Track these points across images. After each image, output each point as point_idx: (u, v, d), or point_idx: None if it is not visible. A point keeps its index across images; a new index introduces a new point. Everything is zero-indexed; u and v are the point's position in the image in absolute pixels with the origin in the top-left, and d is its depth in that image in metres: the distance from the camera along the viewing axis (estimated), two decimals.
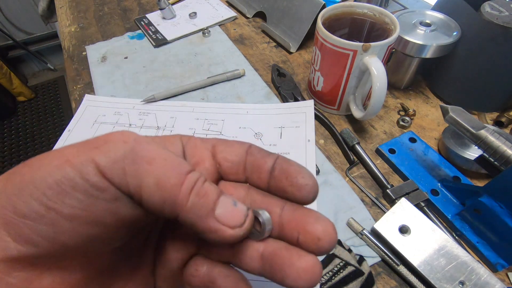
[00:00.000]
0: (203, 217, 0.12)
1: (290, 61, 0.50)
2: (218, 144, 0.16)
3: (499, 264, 0.28)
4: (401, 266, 0.28)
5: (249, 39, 0.55)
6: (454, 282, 0.26)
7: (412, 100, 0.44)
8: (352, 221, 0.31)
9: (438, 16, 0.40)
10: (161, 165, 0.12)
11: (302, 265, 0.13)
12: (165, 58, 0.52)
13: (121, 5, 0.65)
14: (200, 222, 0.12)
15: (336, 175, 0.35)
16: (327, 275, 0.28)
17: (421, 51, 0.38)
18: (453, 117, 0.29)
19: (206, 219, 0.12)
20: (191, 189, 0.12)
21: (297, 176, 0.14)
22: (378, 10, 0.38)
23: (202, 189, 0.13)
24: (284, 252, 0.14)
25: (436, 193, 0.33)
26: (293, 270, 0.13)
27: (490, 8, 0.36)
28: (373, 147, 0.38)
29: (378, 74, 0.32)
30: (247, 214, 0.13)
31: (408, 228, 0.29)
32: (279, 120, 0.40)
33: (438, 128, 0.40)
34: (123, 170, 0.12)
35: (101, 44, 0.55)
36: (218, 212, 0.13)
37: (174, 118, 0.42)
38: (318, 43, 0.37)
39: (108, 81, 0.48)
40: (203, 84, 0.46)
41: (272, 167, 0.14)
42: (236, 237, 0.13)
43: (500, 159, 0.27)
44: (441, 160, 0.35)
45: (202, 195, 0.12)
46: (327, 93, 0.40)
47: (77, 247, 0.12)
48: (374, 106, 0.34)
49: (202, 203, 0.12)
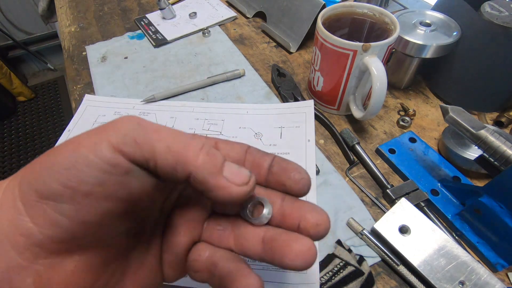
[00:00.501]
0: (213, 174, 0.14)
1: (290, 61, 0.50)
2: (220, 143, 0.17)
3: (499, 264, 0.28)
4: (401, 266, 0.28)
5: (249, 39, 0.55)
6: (454, 282, 0.26)
7: (412, 100, 0.44)
8: (352, 221, 0.31)
9: (438, 16, 0.40)
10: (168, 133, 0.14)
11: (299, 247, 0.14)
12: (165, 58, 0.52)
13: (121, 5, 0.65)
14: (211, 178, 0.14)
15: (336, 175, 0.35)
16: (327, 275, 0.28)
17: (421, 51, 0.38)
18: (453, 117, 0.29)
19: (216, 176, 0.14)
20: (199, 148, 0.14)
21: (294, 172, 0.16)
22: (378, 10, 0.38)
23: (210, 150, 0.14)
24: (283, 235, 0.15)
25: (436, 193, 0.33)
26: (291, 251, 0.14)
27: (490, 8, 0.36)
28: (373, 147, 0.38)
29: (378, 74, 0.32)
30: (250, 175, 0.15)
31: (408, 228, 0.29)
32: (279, 120, 0.40)
33: (438, 128, 0.40)
34: (134, 141, 0.13)
35: (101, 44, 0.55)
36: (225, 170, 0.14)
37: (174, 118, 0.42)
38: (318, 43, 0.37)
39: (108, 81, 0.48)
40: (203, 84, 0.46)
41: (270, 164, 0.16)
42: (243, 194, 0.14)
43: (500, 159, 0.27)
44: (441, 160, 0.35)
45: (211, 154, 0.14)
46: (327, 93, 0.40)
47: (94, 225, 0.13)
48: (374, 106, 0.34)
49: (211, 161, 0.14)
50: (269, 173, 0.16)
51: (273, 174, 0.16)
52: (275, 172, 0.16)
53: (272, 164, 0.16)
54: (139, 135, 0.13)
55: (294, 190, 0.16)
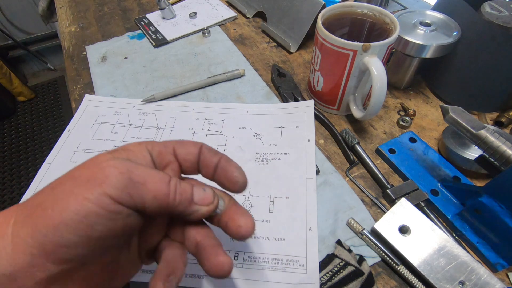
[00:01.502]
0: (188, 206, 0.18)
1: (290, 61, 0.50)
2: (177, 147, 0.20)
3: (499, 264, 0.28)
4: (401, 266, 0.28)
5: (249, 39, 0.55)
6: (454, 282, 0.26)
7: (412, 100, 0.44)
8: (352, 221, 0.31)
9: (438, 16, 0.40)
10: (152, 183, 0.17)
11: (215, 262, 0.18)
12: (165, 58, 0.52)
13: (121, 5, 0.65)
14: (186, 209, 0.18)
15: (336, 175, 0.35)
16: (327, 275, 0.28)
17: (421, 51, 0.38)
18: (453, 117, 0.29)
19: (190, 206, 0.18)
20: (175, 192, 0.18)
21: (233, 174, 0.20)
22: (378, 10, 0.38)
23: (181, 189, 0.18)
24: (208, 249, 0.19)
25: (436, 193, 0.33)
26: (210, 263, 0.18)
27: (490, 8, 0.36)
28: (373, 147, 0.38)
29: (378, 74, 0.32)
30: (214, 194, 0.19)
31: (408, 228, 0.29)
32: (279, 120, 0.40)
33: (438, 128, 0.40)
34: (129, 194, 0.16)
35: (101, 44, 0.55)
36: (195, 199, 0.19)
37: (174, 118, 0.42)
38: (318, 43, 0.37)
39: (108, 81, 0.48)
40: (203, 84, 0.46)
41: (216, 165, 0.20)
42: (211, 211, 0.19)
43: (500, 159, 0.27)
44: (441, 160, 0.35)
45: (183, 192, 0.18)
46: (327, 93, 0.40)
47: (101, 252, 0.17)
48: (374, 106, 0.34)
49: (184, 198, 0.18)
50: (215, 173, 0.20)
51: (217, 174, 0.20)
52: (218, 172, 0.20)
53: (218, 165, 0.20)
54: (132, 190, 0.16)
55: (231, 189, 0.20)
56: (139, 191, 0.16)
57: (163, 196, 0.17)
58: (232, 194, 0.21)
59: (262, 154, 0.37)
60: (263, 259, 0.29)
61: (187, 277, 0.28)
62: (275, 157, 0.37)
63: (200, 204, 0.19)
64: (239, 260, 0.29)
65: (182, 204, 0.18)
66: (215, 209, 0.19)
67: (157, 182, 0.17)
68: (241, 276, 0.28)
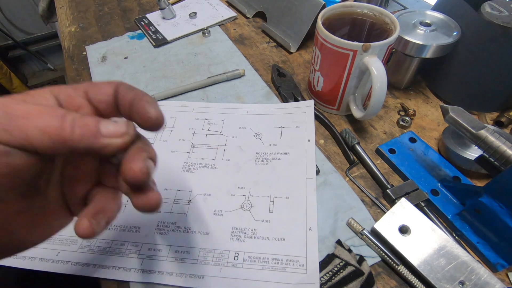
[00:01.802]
0: (93, 139, 0.16)
1: (290, 61, 0.50)
2: (89, 89, 0.18)
3: (499, 264, 0.28)
4: (401, 266, 0.28)
5: (249, 39, 0.55)
6: (454, 282, 0.26)
7: (412, 100, 0.44)
8: (352, 221, 0.31)
9: (438, 16, 0.40)
10: (37, 116, 0.15)
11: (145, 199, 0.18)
12: (165, 58, 0.52)
13: (121, 5, 0.65)
14: (93, 144, 0.16)
15: (336, 175, 0.35)
16: (327, 275, 0.28)
17: (421, 51, 0.38)
18: (453, 117, 0.29)
19: (96, 139, 0.16)
20: (73, 125, 0.15)
21: (144, 107, 0.17)
22: (378, 10, 0.38)
23: (81, 121, 0.16)
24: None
25: (436, 193, 0.33)
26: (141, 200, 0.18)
27: (490, 8, 0.36)
28: (373, 147, 0.38)
29: (378, 74, 0.32)
30: (128, 124, 0.17)
31: (408, 228, 0.29)
32: (279, 120, 0.40)
33: (438, 128, 0.40)
34: (5, 130, 0.14)
35: (101, 44, 0.55)
36: (103, 130, 0.16)
37: (174, 118, 0.42)
38: (318, 43, 0.37)
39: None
40: (203, 84, 0.46)
41: (131, 101, 0.18)
42: (126, 142, 0.17)
43: (500, 159, 0.27)
44: (441, 160, 0.35)
45: (83, 124, 0.15)
46: (327, 93, 0.40)
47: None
48: (374, 106, 0.34)
49: (86, 130, 0.15)
50: (131, 111, 0.18)
51: (132, 112, 0.18)
52: (132, 110, 0.18)
53: (132, 102, 0.18)
54: (7, 124, 0.14)
55: (145, 128, 0.18)
56: (20, 125, 0.14)
57: (54, 130, 0.15)
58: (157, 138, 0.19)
59: (262, 154, 0.37)
60: (263, 259, 0.29)
61: (187, 277, 0.28)
62: (275, 157, 0.37)
63: (110, 136, 0.16)
64: (239, 260, 0.29)
65: (86, 138, 0.15)
66: (132, 139, 0.17)
67: (45, 115, 0.15)
68: (241, 276, 0.28)
